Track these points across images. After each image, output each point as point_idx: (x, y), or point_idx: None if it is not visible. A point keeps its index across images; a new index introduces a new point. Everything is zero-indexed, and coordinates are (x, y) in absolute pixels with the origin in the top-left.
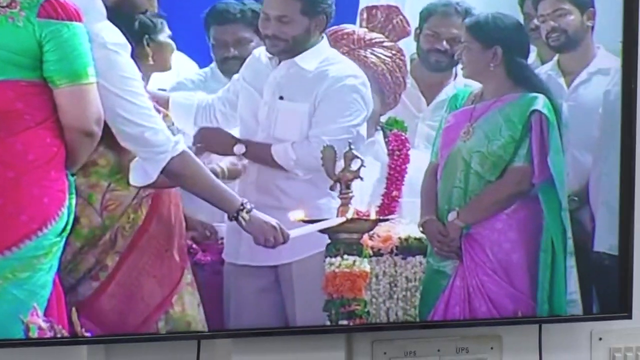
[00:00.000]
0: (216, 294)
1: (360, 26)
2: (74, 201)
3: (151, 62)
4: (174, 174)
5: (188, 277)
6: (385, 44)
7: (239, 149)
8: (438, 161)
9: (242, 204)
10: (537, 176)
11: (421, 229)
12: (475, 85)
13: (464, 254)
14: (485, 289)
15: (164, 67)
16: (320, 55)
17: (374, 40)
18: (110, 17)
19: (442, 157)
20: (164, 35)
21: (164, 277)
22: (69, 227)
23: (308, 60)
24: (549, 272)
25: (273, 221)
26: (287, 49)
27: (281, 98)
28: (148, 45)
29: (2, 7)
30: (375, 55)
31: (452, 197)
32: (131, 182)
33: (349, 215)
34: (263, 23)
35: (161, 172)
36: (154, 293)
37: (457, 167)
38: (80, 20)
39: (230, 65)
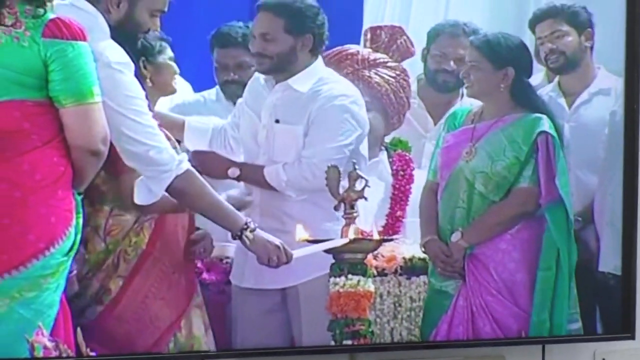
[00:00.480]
0: (221, 313)
1: (365, 46)
2: (80, 220)
3: (149, 84)
4: (178, 193)
5: (197, 298)
6: (389, 64)
7: (233, 172)
8: (437, 180)
9: (246, 223)
10: (544, 197)
11: (423, 249)
12: (475, 104)
13: (468, 274)
14: (490, 309)
15: (166, 90)
16: (315, 76)
17: (378, 61)
18: (114, 36)
19: (443, 177)
20: (164, 57)
21: (172, 300)
22: (76, 247)
23: (302, 82)
24: (551, 292)
25: (277, 241)
26: (273, 67)
27: (277, 121)
28: (145, 67)
29: (7, 26)
30: (379, 76)
31: (454, 217)
32: (135, 200)
33: (352, 235)
34: (251, 42)
35: (165, 191)
36: (163, 315)
37: (459, 187)
38: (85, 39)
39: (231, 89)
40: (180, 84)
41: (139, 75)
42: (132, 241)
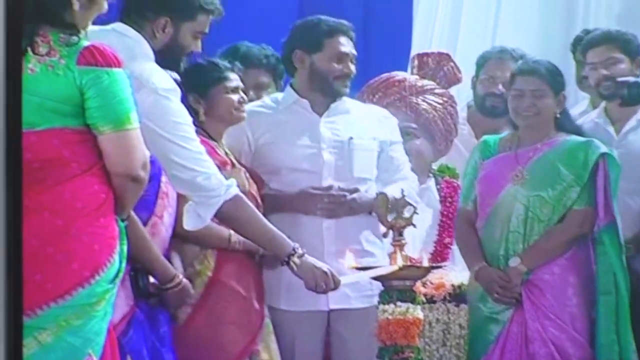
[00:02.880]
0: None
1: (412, 73)
2: (125, 247)
3: (203, 118)
4: (227, 218)
5: (270, 325)
6: (436, 90)
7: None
8: (473, 208)
9: (293, 249)
10: (602, 218)
11: (474, 278)
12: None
13: (524, 300)
14: (548, 334)
15: (230, 120)
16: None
17: (425, 87)
18: (158, 61)
19: (488, 204)
20: (219, 88)
21: (243, 325)
22: (121, 274)
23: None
24: (614, 316)
25: (324, 267)
26: None
27: (351, 138)
28: (198, 102)
29: (42, 55)
30: (427, 102)
31: (508, 243)
32: (185, 226)
33: (401, 262)
34: None
35: (214, 216)
36: (236, 340)
37: (511, 212)
38: (119, 65)
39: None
40: None
41: (188, 105)
42: (197, 269)
